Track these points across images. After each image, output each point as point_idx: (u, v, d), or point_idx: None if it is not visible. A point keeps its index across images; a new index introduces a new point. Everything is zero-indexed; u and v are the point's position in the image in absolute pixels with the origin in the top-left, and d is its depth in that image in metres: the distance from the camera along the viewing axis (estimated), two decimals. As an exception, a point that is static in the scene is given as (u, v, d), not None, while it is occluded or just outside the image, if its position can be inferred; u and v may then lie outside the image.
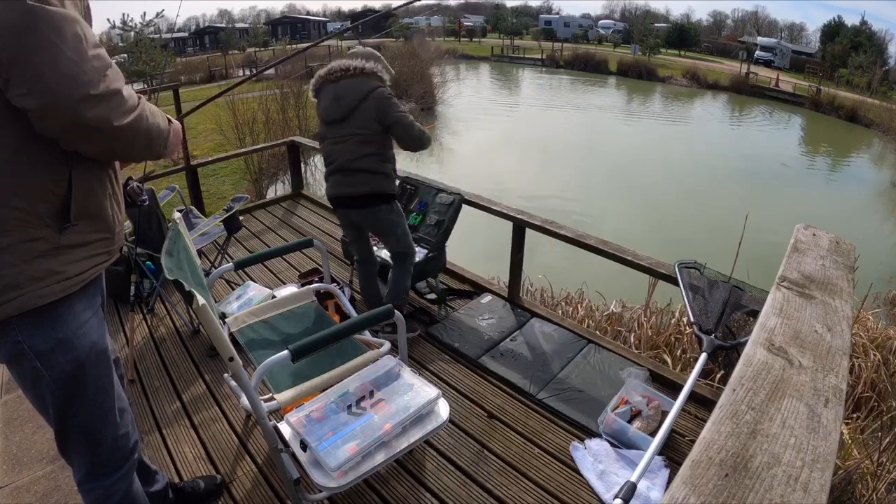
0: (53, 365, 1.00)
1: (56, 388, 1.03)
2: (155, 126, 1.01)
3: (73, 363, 1.02)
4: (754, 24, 56.61)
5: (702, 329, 1.63)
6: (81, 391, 1.06)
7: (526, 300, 2.86)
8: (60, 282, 0.96)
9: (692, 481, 0.51)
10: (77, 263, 0.99)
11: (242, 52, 31.33)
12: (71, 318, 1.01)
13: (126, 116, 0.91)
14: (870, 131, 17.55)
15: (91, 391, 1.08)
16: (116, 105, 0.89)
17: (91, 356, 1.05)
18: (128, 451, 1.19)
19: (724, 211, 7.92)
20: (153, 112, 1.02)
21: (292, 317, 1.92)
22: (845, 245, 1.03)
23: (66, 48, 0.81)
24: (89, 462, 1.14)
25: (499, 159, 11.67)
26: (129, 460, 1.21)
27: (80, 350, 1.03)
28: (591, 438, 1.88)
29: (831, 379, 0.66)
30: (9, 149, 0.87)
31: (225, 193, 7.58)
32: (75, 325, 1.02)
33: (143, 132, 0.97)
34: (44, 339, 0.98)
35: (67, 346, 1.01)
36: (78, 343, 1.02)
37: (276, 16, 64.62)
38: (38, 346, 0.98)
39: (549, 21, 53.03)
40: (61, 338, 0.99)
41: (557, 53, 33.12)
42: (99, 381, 1.08)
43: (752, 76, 25.32)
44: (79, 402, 1.07)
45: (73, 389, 1.05)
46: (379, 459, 1.30)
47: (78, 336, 1.02)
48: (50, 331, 0.98)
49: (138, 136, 0.96)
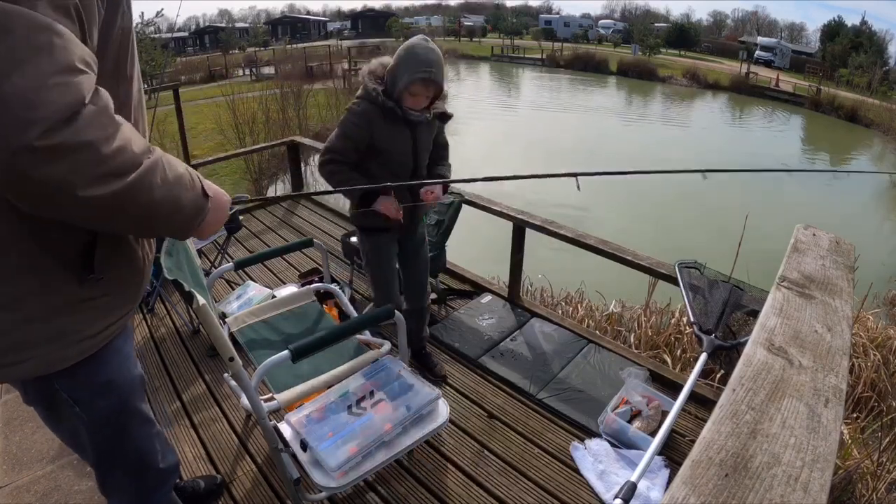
0: (94, 410, 0.88)
1: (100, 431, 0.93)
2: (169, 199, 0.69)
3: (116, 405, 0.92)
4: (754, 24, 56.61)
5: (702, 329, 1.63)
6: (126, 429, 0.97)
7: (526, 300, 2.86)
8: (78, 342, 0.80)
9: (692, 481, 0.51)
10: (100, 321, 0.82)
11: (242, 52, 31.35)
12: (112, 358, 0.88)
13: (104, 183, 0.60)
14: (870, 131, 17.54)
15: (136, 425, 0.98)
16: (84, 164, 0.58)
17: (134, 389, 0.95)
18: (172, 469, 1.13)
19: (724, 211, 7.91)
20: (173, 177, 0.70)
21: (292, 317, 1.92)
22: (845, 245, 1.03)
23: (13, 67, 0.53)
24: (134, 492, 1.07)
25: (499, 160, 11.66)
26: (174, 476, 1.15)
27: (125, 388, 0.92)
28: (591, 438, 1.88)
29: (831, 379, 0.66)
30: None
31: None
32: (117, 364, 0.89)
33: (141, 207, 0.66)
34: (83, 386, 0.86)
35: (110, 388, 0.89)
36: (122, 381, 0.91)
37: (276, 15, 64.70)
38: (78, 393, 0.86)
39: (549, 21, 53.04)
40: (104, 382, 0.88)
41: (557, 53, 33.10)
42: (142, 413, 0.99)
43: (752, 76, 25.31)
44: (125, 441, 0.97)
45: (117, 430, 0.95)
46: (379, 459, 1.30)
47: (121, 374, 0.91)
48: (91, 376, 0.85)
49: (131, 212, 0.66)
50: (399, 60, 1.63)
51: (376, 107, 1.66)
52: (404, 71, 1.60)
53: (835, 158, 14.32)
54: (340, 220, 3.99)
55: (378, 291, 1.98)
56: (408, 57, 1.60)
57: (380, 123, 1.68)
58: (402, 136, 1.73)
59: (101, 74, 0.66)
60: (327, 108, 11.45)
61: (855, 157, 14.77)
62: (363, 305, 2.79)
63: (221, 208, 0.84)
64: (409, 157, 1.78)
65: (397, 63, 1.63)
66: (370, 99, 1.67)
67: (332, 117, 11.40)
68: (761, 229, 4.24)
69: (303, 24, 59.29)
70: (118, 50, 0.73)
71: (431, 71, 1.60)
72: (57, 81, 0.55)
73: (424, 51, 1.59)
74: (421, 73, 1.58)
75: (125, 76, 0.77)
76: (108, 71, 0.72)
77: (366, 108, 1.67)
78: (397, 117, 1.67)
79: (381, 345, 1.73)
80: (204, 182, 0.78)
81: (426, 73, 1.59)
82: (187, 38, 47.81)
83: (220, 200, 0.83)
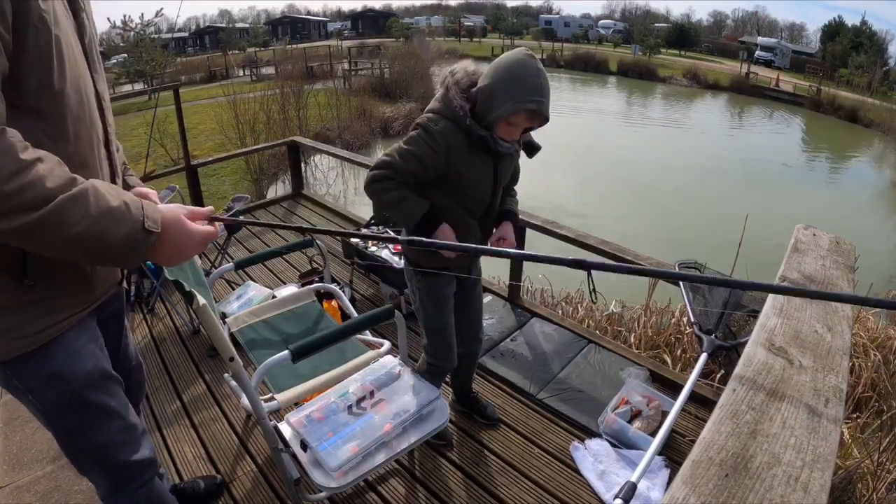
0: (46, 400, 0.94)
1: (54, 420, 0.98)
2: (93, 233, 0.69)
3: (66, 396, 0.94)
4: (754, 25, 56.61)
5: (702, 329, 1.64)
6: (82, 421, 0.99)
7: (526, 300, 2.86)
8: (17, 339, 0.85)
9: (692, 481, 0.51)
10: (42, 319, 0.87)
11: (242, 52, 31.36)
12: (61, 352, 0.91)
13: (9, 218, 0.63)
14: (870, 131, 17.54)
15: (93, 418, 1.00)
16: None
17: (88, 383, 0.97)
18: (146, 464, 1.14)
19: (725, 211, 7.91)
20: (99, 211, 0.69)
21: (293, 317, 1.92)
22: (845, 245, 1.03)
23: None
24: (108, 480, 1.10)
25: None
26: (149, 472, 1.16)
27: (75, 381, 0.94)
28: (592, 438, 1.88)
29: (831, 379, 0.66)
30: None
31: (225, 193, 7.59)
32: (66, 358, 0.92)
33: (60, 239, 0.68)
34: (32, 376, 0.90)
35: (58, 380, 0.92)
36: (71, 375, 0.93)
37: (276, 16, 64.75)
38: (28, 382, 0.91)
39: (549, 21, 53.06)
40: (50, 373, 0.91)
41: (558, 53, 33.11)
42: (100, 406, 1.00)
43: (752, 76, 25.32)
44: (81, 432, 1.01)
45: (72, 421, 0.99)
46: (379, 460, 1.30)
47: (71, 367, 0.93)
48: (38, 367, 0.90)
49: (52, 243, 0.68)
50: (500, 80, 1.30)
51: (460, 130, 1.35)
52: (507, 96, 1.28)
53: (835, 158, 14.32)
54: (341, 219, 3.99)
55: (435, 339, 1.63)
56: (514, 79, 1.28)
57: (461, 151, 1.36)
58: (484, 169, 1.42)
59: (20, 93, 0.69)
60: (327, 108, 11.45)
61: (855, 157, 14.77)
62: (363, 305, 2.79)
63: (178, 239, 0.81)
64: (488, 194, 1.47)
65: (497, 82, 1.30)
66: (454, 119, 1.34)
67: (332, 117, 11.41)
68: (761, 229, 4.24)
69: (303, 24, 59.31)
70: (38, 66, 0.73)
71: (542, 102, 1.28)
72: None
73: (535, 73, 1.28)
74: (531, 105, 1.27)
75: (52, 91, 0.76)
76: (29, 89, 0.72)
77: (446, 128, 1.35)
78: (485, 147, 1.37)
79: (381, 345, 1.73)
80: (149, 217, 0.76)
81: (536, 105, 1.28)
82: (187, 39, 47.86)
83: (172, 233, 0.80)
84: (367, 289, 2.96)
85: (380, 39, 35.09)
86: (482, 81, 1.34)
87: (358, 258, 2.89)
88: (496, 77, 1.30)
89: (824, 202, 10.08)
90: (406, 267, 1.60)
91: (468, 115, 1.33)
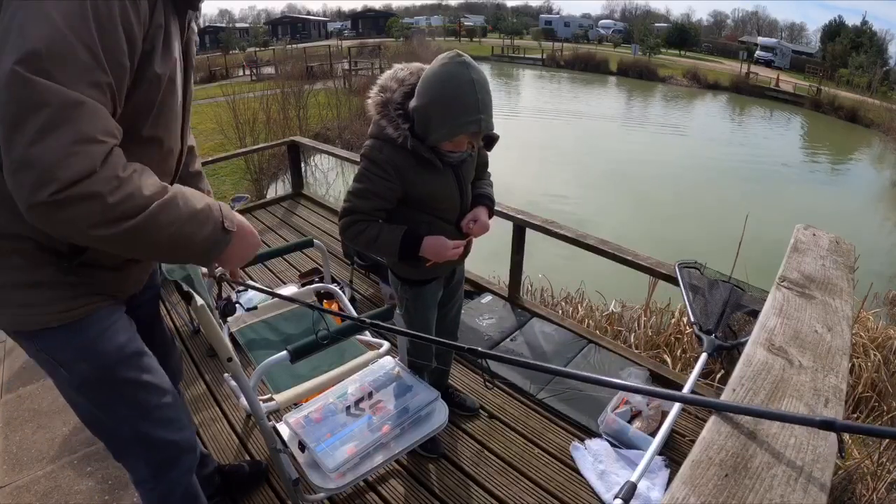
0: (78, 373, 0.94)
1: (87, 394, 0.98)
2: (181, 234, 0.77)
3: (98, 369, 0.95)
4: (754, 25, 56.62)
5: (702, 329, 1.63)
6: (117, 395, 1.00)
7: (526, 300, 2.86)
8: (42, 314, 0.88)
9: (692, 481, 0.51)
10: (67, 300, 0.90)
11: (243, 52, 31.36)
12: (91, 327, 0.93)
13: (110, 226, 0.70)
14: (870, 131, 17.54)
15: (129, 392, 1.01)
16: (91, 212, 0.67)
17: (121, 358, 0.97)
18: (187, 447, 1.13)
19: (725, 211, 7.92)
20: (187, 215, 0.78)
21: (292, 317, 1.92)
22: (845, 245, 1.03)
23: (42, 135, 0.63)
24: (146, 462, 1.09)
25: (498, 160, 11.67)
26: (190, 458, 1.15)
27: (107, 355, 0.95)
28: (592, 438, 1.88)
29: (831, 379, 0.66)
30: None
31: (225, 193, 7.58)
32: (96, 332, 0.94)
33: (152, 242, 0.75)
34: (62, 348, 0.92)
35: (90, 352, 0.93)
36: (102, 348, 0.94)
37: (276, 15, 64.78)
38: (58, 354, 0.92)
39: (549, 21, 53.10)
40: (81, 346, 0.92)
41: (558, 53, 33.13)
42: (136, 381, 1.01)
43: (752, 76, 25.32)
44: (115, 406, 1.01)
45: (105, 395, 0.99)
46: (377, 461, 1.30)
47: (102, 341, 0.94)
48: (68, 339, 0.91)
49: (143, 246, 0.76)
50: (433, 102, 1.18)
51: (407, 151, 1.26)
52: (443, 120, 1.18)
53: (835, 158, 14.32)
54: (340, 220, 3.98)
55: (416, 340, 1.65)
56: (448, 100, 1.17)
57: (413, 172, 1.29)
58: (444, 181, 1.36)
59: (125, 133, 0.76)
60: (327, 108, 11.44)
61: (855, 157, 14.77)
62: (363, 305, 2.78)
63: (247, 239, 0.92)
64: (456, 201, 1.42)
65: (430, 104, 1.19)
66: (395, 143, 1.26)
67: (332, 117, 11.40)
68: (761, 229, 4.24)
69: (303, 24, 59.35)
70: (133, 116, 0.80)
71: (482, 120, 1.17)
72: (76, 150, 0.65)
73: (470, 89, 1.14)
74: (470, 127, 1.17)
75: (140, 138, 0.84)
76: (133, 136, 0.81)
77: (391, 154, 1.27)
78: (436, 164, 1.31)
79: (381, 345, 1.73)
80: (227, 218, 0.85)
81: (475, 126, 1.17)
82: (187, 39, 47.76)
83: (243, 233, 0.90)
84: (367, 289, 2.96)
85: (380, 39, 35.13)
86: (416, 101, 1.23)
87: (358, 258, 2.89)
88: (429, 98, 1.20)
89: (824, 202, 10.08)
90: (392, 278, 1.59)
91: (408, 136, 1.24)
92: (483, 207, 1.48)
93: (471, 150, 1.37)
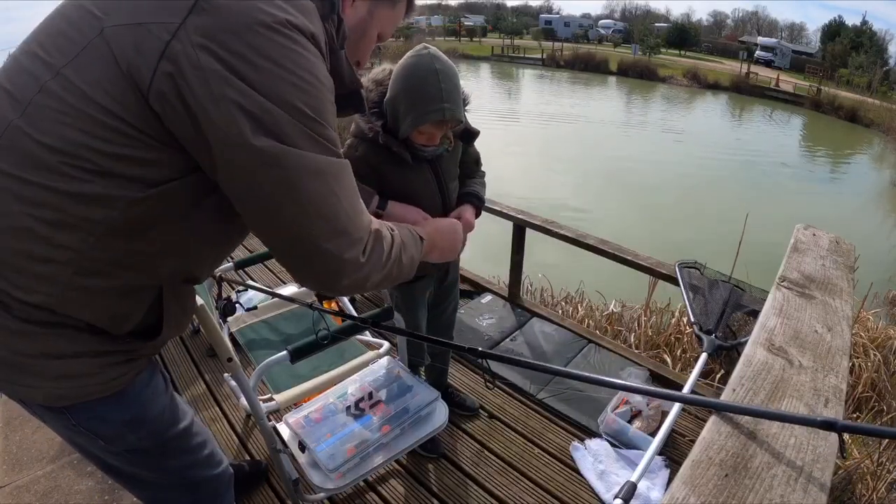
0: (125, 443, 0.86)
1: (133, 461, 0.90)
2: (408, 263, 0.88)
3: (148, 437, 0.88)
4: (754, 24, 56.66)
5: (702, 329, 1.63)
6: (166, 456, 0.94)
7: (526, 300, 2.86)
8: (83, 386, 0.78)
9: (692, 481, 0.51)
10: (111, 369, 0.80)
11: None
12: (137, 392, 0.85)
13: (375, 276, 0.79)
14: (870, 131, 17.56)
15: (173, 448, 0.95)
16: (364, 278, 0.77)
17: (166, 420, 0.92)
18: (227, 478, 1.10)
19: (724, 211, 7.92)
20: (405, 252, 0.87)
21: (292, 317, 1.92)
22: (845, 245, 1.03)
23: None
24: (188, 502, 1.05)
25: (498, 160, 11.67)
26: (229, 490, 1.13)
27: (155, 422, 0.89)
28: (592, 438, 1.88)
29: (831, 379, 0.66)
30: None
31: (225, 193, 7.57)
32: (143, 399, 0.86)
33: (392, 278, 0.84)
34: (106, 421, 0.82)
35: (138, 423, 0.86)
36: (150, 415, 0.88)
37: (276, 16, 64.59)
38: (101, 428, 0.83)
39: (549, 21, 53.11)
40: (127, 418, 0.84)
41: (558, 53, 33.13)
42: (179, 435, 0.95)
43: (752, 76, 25.33)
44: (164, 465, 0.95)
45: (154, 460, 0.93)
46: (377, 461, 1.30)
47: (149, 408, 0.87)
48: (112, 410, 0.82)
49: (386, 283, 0.85)
50: (400, 92, 1.21)
51: (381, 148, 1.28)
52: (409, 109, 1.20)
53: (835, 158, 14.33)
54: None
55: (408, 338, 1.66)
56: (412, 89, 1.19)
57: (388, 169, 1.31)
58: (421, 178, 1.36)
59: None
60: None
61: (855, 158, 14.77)
62: (363, 305, 2.78)
63: (444, 234, 1.06)
64: (437, 197, 1.40)
65: (397, 95, 1.22)
66: (368, 140, 1.28)
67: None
68: (761, 229, 4.24)
69: (303, 24, 59.25)
70: None
71: (445, 107, 1.19)
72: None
73: (430, 76, 1.17)
74: (433, 115, 1.19)
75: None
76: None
77: (366, 152, 1.29)
78: (405, 157, 1.31)
79: (381, 345, 1.73)
80: (418, 229, 0.96)
81: (439, 114, 1.19)
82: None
83: (436, 231, 1.04)
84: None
85: (380, 39, 35.01)
86: (388, 93, 1.26)
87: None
88: (396, 89, 1.23)
89: (824, 202, 10.08)
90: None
91: (379, 132, 1.26)
92: (468, 205, 1.45)
93: (448, 146, 1.37)
